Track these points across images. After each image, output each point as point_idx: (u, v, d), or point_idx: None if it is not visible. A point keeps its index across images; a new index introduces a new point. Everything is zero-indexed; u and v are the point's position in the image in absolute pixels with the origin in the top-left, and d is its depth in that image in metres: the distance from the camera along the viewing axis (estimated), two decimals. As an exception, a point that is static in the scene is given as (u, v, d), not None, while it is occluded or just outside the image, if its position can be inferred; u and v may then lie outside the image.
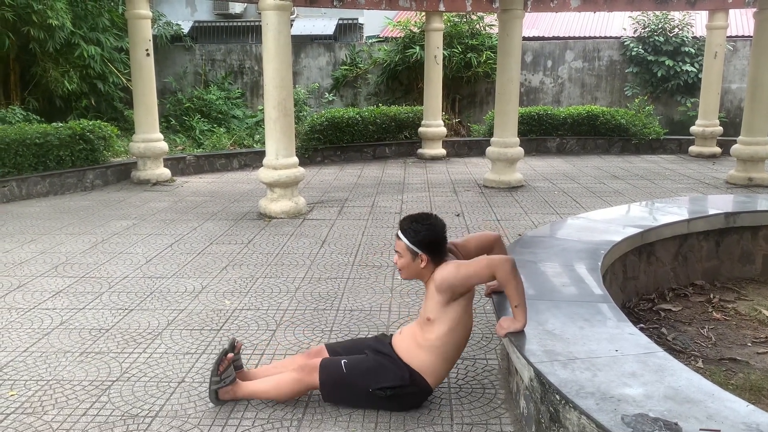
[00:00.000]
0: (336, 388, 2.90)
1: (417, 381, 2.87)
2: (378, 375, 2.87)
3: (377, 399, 2.87)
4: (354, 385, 2.88)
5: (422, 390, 2.91)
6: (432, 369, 2.89)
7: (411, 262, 2.90)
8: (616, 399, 2.12)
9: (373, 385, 2.85)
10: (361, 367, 2.90)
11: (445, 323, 2.84)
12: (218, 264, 5.26)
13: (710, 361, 3.58)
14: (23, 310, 4.22)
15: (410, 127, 12.24)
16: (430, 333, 2.87)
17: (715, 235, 4.92)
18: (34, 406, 2.98)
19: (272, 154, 6.96)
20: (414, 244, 2.87)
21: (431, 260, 2.88)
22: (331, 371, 2.89)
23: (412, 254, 2.89)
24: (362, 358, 2.95)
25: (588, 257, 3.82)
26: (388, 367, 2.89)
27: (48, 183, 8.29)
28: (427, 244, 2.87)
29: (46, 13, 9.88)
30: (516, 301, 2.74)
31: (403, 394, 2.87)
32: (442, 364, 2.91)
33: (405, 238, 2.90)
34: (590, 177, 9.63)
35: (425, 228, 2.89)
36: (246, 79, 15.27)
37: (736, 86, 13.91)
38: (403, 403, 2.91)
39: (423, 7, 11.14)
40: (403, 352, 2.93)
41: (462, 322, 2.89)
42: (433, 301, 2.86)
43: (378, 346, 3.01)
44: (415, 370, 2.88)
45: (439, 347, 2.86)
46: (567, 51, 14.59)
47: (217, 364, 2.91)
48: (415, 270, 2.92)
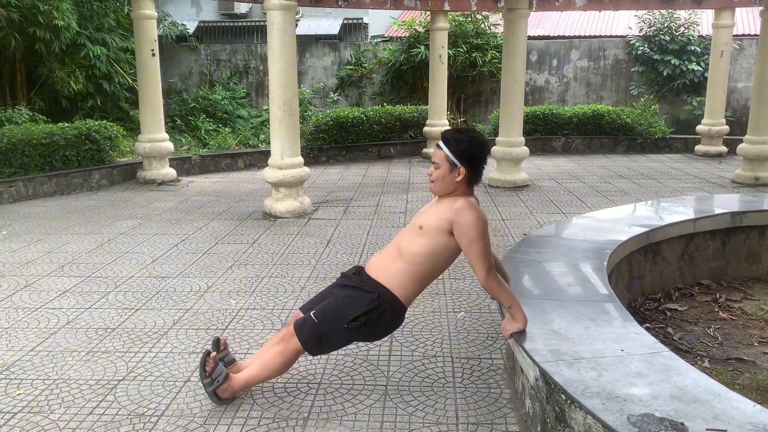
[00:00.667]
0: (317, 342, 2.87)
1: (387, 298, 2.84)
2: (347, 308, 2.84)
3: (356, 333, 2.86)
4: (331, 330, 2.85)
5: (395, 307, 2.88)
6: (404, 283, 2.86)
7: (447, 173, 2.82)
8: (621, 399, 2.12)
9: (345, 320, 2.81)
10: (330, 308, 2.87)
11: (433, 242, 2.81)
12: (224, 263, 5.27)
13: (717, 361, 3.57)
14: (30, 309, 4.24)
15: (415, 127, 12.23)
16: (415, 243, 2.84)
17: (721, 234, 4.91)
18: (41, 405, 2.99)
19: (277, 153, 6.97)
20: (454, 154, 2.80)
21: (468, 175, 2.82)
22: (306, 328, 2.87)
23: (450, 165, 2.81)
24: (329, 301, 2.92)
25: (593, 257, 3.81)
26: (355, 296, 2.86)
27: (54, 183, 8.32)
28: (468, 157, 2.81)
29: (52, 14, 9.90)
30: (507, 303, 2.75)
31: (378, 316, 2.84)
32: (415, 281, 2.88)
33: (446, 147, 2.82)
34: (596, 176, 9.60)
35: (468, 139, 2.82)
36: (251, 79, 15.29)
37: (742, 85, 13.85)
38: (381, 326, 2.89)
39: (428, 7, 11.13)
40: (375, 269, 2.91)
41: (446, 252, 2.86)
42: (437, 218, 2.82)
43: (342, 281, 3.00)
44: (384, 287, 2.85)
45: (418, 263, 2.84)
46: (572, 50, 14.55)
47: (203, 366, 2.89)
48: (450, 183, 2.83)
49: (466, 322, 3.97)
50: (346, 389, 3.12)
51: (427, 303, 4.27)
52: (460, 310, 4.18)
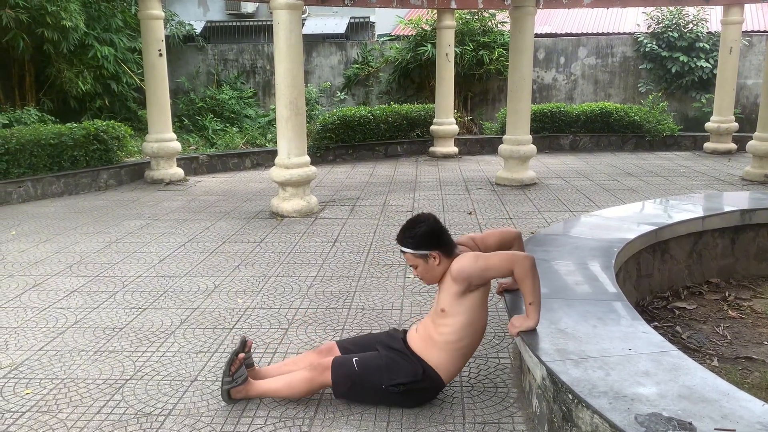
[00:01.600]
0: (349, 386, 2.90)
1: (430, 376, 2.87)
2: (391, 371, 2.86)
3: (390, 395, 2.87)
4: (367, 383, 2.87)
5: (435, 385, 2.90)
6: (446, 364, 2.88)
7: (426, 266, 2.89)
8: (629, 398, 2.10)
9: (386, 381, 2.84)
10: (373, 364, 2.89)
11: (459, 316, 2.82)
12: (231, 263, 5.28)
13: (725, 360, 3.55)
14: (38, 309, 4.26)
15: (422, 126, 12.22)
16: (444, 326, 2.85)
17: (730, 232, 4.87)
18: (49, 404, 3.01)
19: (284, 153, 6.97)
20: (417, 249, 2.87)
21: (442, 254, 2.86)
22: (343, 370, 2.88)
23: (422, 259, 2.88)
24: (374, 355, 2.94)
25: (601, 255, 3.79)
26: (401, 362, 2.88)
27: (63, 183, 8.36)
28: (429, 241, 2.86)
29: (60, 15, 9.94)
30: (531, 299, 2.72)
31: (417, 389, 2.86)
32: (456, 359, 2.90)
33: (407, 248, 2.90)
34: (604, 174, 9.56)
35: (418, 228, 2.89)
36: (258, 78, 15.32)
37: (751, 82, 13.75)
38: (416, 399, 2.91)
39: (434, 5, 11.12)
40: (417, 346, 2.93)
41: (477, 316, 2.87)
42: (448, 293, 2.84)
43: (389, 342, 3.00)
44: (428, 364, 2.87)
45: (454, 342, 2.85)
46: (580, 47, 14.49)
47: (229, 365, 2.92)
48: (435, 271, 2.90)
49: (473, 321, 3.95)
50: (352, 388, 3.11)
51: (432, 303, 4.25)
52: (467, 309, 4.16)
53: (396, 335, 3.07)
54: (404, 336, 3.04)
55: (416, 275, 2.96)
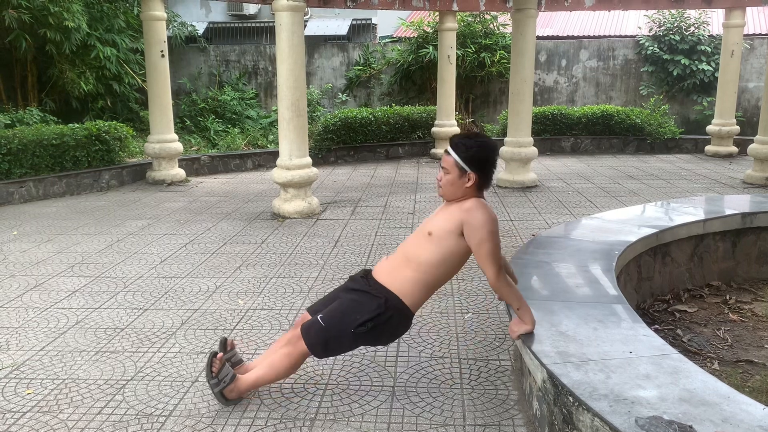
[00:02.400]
0: (323, 344, 2.86)
1: (394, 304, 2.84)
2: (354, 312, 2.83)
3: (363, 337, 2.85)
4: (337, 334, 2.84)
5: (402, 313, 2.87)
6: (412, 290, 2.85)
7: (457, 179, 2.80)
8: (629, 401, 2.11)
9: (352, 324, 2.81)
10: (337, 312, 2.87)
11: (442, 248, 2.81)
12: (232, 264, 5.29)
13: (726, 363, 3.55)
14: (40, 309, 4.27)
15: (423, 127, 12.23)
16: (424, 249, 2.83)
17: (731, 235, 4.87)
18: (50, 404, 3.01)
19: (286, 154, 6.98)
20: (464, 160, 2.78)
21: (478, 180, 2.81)
22: (312, 331, 2.86)
23: (459, 171, 2.80)
24: (336, 305, 2.92)
25: (602, 258, 3.80)
26: (362, 300, 2.85)
27: (64, 183, 8.37)
28: (477, 162, 2.79)
29: (63, 15, 9.96)
30: (515, 305, 2.74)
31: (385, 321, 2.83)
32: (423, 288, 2.87)
33: (455, 152, 2.80)
34: (605, 177, 9.56)
35: (478, 144, 2.81)
36: (260, 79, 15.33)
37: (753, 85, 13.75)
38: (388, 332, 2.89)
39: (436, 7, 11.13)
40: (384, 274, 2.91)
41: (455, 258, 2.85)
42: (445, 221, 2.81)
43: (350, 285, 2.99)
44: (392, 292, 2.84)
45: (426, 266, 2.83)
46: (581, 50, 14.50)
47: (209, 367, 2.89)
48: (459, 188, 2.82)
49: (474, 324, 3.96)
50: (353, 390, 3.12)
51: (434, 304, 4.27)
52: (467, 311, 4.17)
53: (356, 276, 3.04)
54: (367, 274, 3.01)
55: (439, 179, 2.87)
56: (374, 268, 3.02)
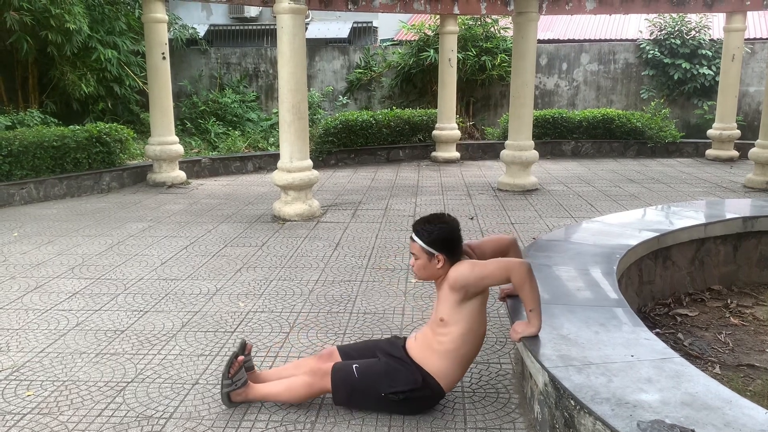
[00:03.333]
0: (348, 393, 2.89)
1: (430, 384, 2.86)
2: (390, 379, 2.85)
3: (390, 403, 2.86)
4: (366, 390, 2.87)
5: (435, 393, 2.89)
6: (445, 372, 2.87)
7: (427, 263, 2.88)
8: (631, 405, 2.10)
9: (385, 389, 2.84)
10: (373, 371, 2.89)
11: (458, 324, 2.82)
12: (232, 266, 5.29)
13: (728, 367, 3.54)
14: (40, 311, 4.27)
15: (424, 130, 12.23)
16: (443, 335, 2.85)
17: (732, 239, 4.87)
18: (50, 406, 3.01)
19: (286, 157, 6.98)
20: (429, 245, 2.85)
21: (447, 259, 2.86)
22: (343, 376, 2.88)
23: (428, 255, 2.87)
24: (374, 362, 2.94)
25: (603, 261, 3.79)
26: (401, 370, 2.88)
27: (65, 185, 8.37)
28: (442, 243, 2.86)
29: (64, 17, 9.97)
30: (531, 305, 2.72)
31: (416, 397, 2.86)
32: (456, 367, 2.89)
33: (419, 239, 2.88)
34: (605, 180, 9.56)
35: (439, 228, 2.88)
36: (261, 82, 15.35)
37: (754, 89, 13.76)
38: (416, 407, 2.90)
39: (437, 10, 11.14)
40: (416, 355, 2.92)
41: (476, 324, 2.87)
42: (446, 302, 2.84)
43: (390, 350, 3.00)
44: (428, 373, 2.87)
45: (453, 350, 2.84)
46: (582, 54, 14.51)
47: (228, 367, 2.92)
48: (432, 271, 2.89)
49: (475, 327, 3.95)
50: (354, 393, 3.11)
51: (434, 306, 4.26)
52: (468, 314, 4.16)
53: (396, 342, 3.06)
54: (404, 344, 3.03)
55: (412, 265, 2.95)
56: (407, 343, 3.02)
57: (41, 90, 11.62)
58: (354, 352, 3.06)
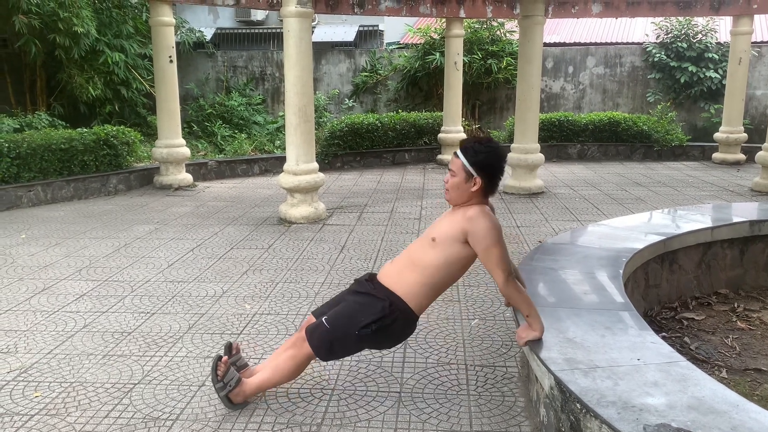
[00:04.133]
0: (328, 347, 2.88)
1: (399, 306, 2.85)
2: (359, 314, 2.85)
3: (367, 340, 2.87)
4: (342, 336, 2.86)
5: (407, 316, 2.88)
6: (416, 292, 2.87)
7: (463, 182, 2.83)
8: (637, 408, 2.10)
9: (357, 326, 2.82)
10: (342, 314, 2.89)
11: (444, 254, 2.83)
12: (239, 268, 5.30)
13: (735, 372, 3.53)
14: (48, 312, 4.29)
15: (430, 133, 12.23)
16: (427, 255, 2.85)
17: (739, 243, 4.85)
18: (58, 407, 3.02)
19: (293, 159, 7.00)
20: (472, 164, 2.81)
21: (484, 186, 2.83)
22: (317, 333, 2.88)
23: (466, 174, 2.82)
24: (341, 307, 2.94)
25: (609, 265, 3.79)
26: (367, 303, 2.87)
27: (72, 187, 8.41)
28: (485, 168, 2.82)
29: (72, 21, 10.03)
30: (525, 312, 2.74)
31: (389, 324, 2.84)
32: (428, 292, 2.89)
33: (464, 156, 2.83)
34: (612, 184, 9.54)
35: (487, 150, 2.83)
36: (267, 85, 15.39)
37: (761, 92, 13.71)
38: (392, 335, 2.90)
39: (443, 14, 11.15)
40: (389, 277, 2.92)
41: (458, 264, 2.87)
42: (450, 227, 2.83)
43: (355, 287, 3.01)
44: (396, 295, 2.86)
45: (430, 274, 2.85)
46: (588, 57, 14.49)
47: (214, 370, 2.92)
48: (465, 192, 2.84)
49: (480, 330, 3.96)
50: (359, 395, 3.12)
51: (440, 310, 4.27)
52: (474, 317, 4.17)
53: (361, 279, 3.06)
54: (372, 277, 3.02)
55: (446, 182, 2.89)
56: (379, 272, 3.04)
57: (49, 93, 11.68)
58: (325, 308, 3.05)
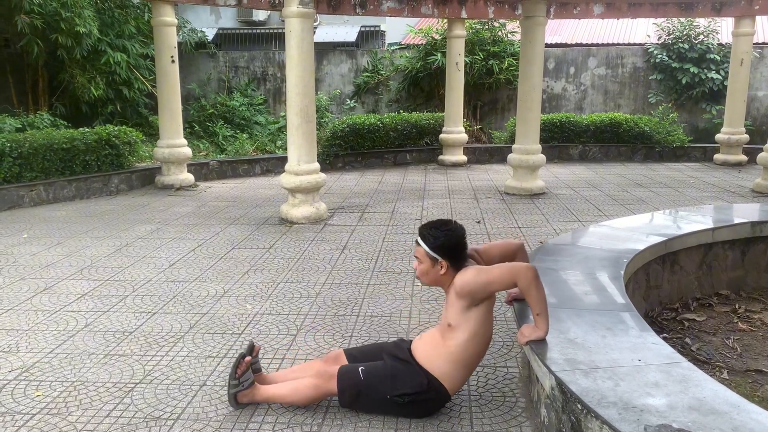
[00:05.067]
0: (354, 396, 2.90)
1: (435, 387, 2.87)
2: (396, 381, 2.87)
3: (395, 406, 2.87)
4: (372, 392, 2.88)
5: (440, 396, 2.90)
6: (450, 376, 2.88)
7: (431, 268, 2.90)
8: (638, 409, 2.10)
9: (391, 391, 2.85)
10: (379, 374, 2.90)
11: (465, 330, 2.83)
12: (240, 268, 5.30)
13: (736, 373, 3.53)
14: (49, 312, 4.29)
15: (431, 134, 12.24)
16: (450, 339, 2.86)
17: (740, 244, 4.85)
18: (59, 406, 3.03)
19: (294, 160, 7.00)
20: (433, 250, 2.87)
21: (451, 266, 2.87)
22: (349, 378, 2.90)
23: (431, 260, 2.89)
24: (380, 365, 2.95)
25: (610, 265, 3.78)
26: (406, 373, 2.89)
27: (74, 187, 8.42)
28: (447, 250, 2.87)
29: (75, 21, 10.04)
30: (537, 309, 2.72)
31: (421, 400, 2.87)
32: (461, 370, 2.90)
33: (424, 244, 2.90)
34: (613, 185, 9.54)
35: (444, 234, 2.89)
36: (269, 85, 15.39)
37: (762, 93, 13.70)
38: (421, 410, 2.91)
39: (445, 14, 11.15)
40: (422, 358, 2.93)
41: (482, 329, 2.88)
42: (453, 308, 2.85)
43: (396, 352, 3.01)
44: (433, 376, 2.87)
45: (459, 354, 2.86)
46: (590, 58, 14.49)
47: (235, 368, 2.93)
48: (435, 276, 2.91)
49: (482, 330, 3.95)
50: (360, 395, 3.12)
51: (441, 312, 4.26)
52: (475, 317, 4.16)
53: (402, 345, 3.07)
54: (410, 346, 3.04)
55: (416, 268, 2.96)
56: (413, 345, 3.03)
57: (51, 93, 11.69)
58: (360, 355, 3.07)
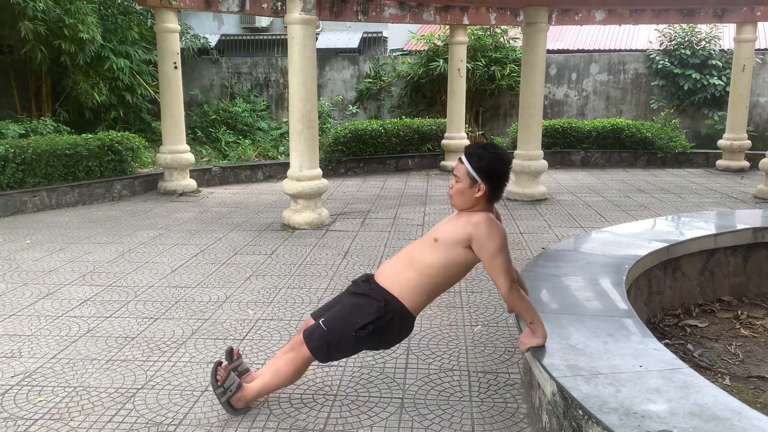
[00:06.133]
0: (326, 349, 2.89)
1: (394, 306, 2.84)
2: (355, 316, 2.85)
3: (364, 341, 2.87)
4: (339, 338, 2.86)
5: (403, 316, 2.88)
6: (412, 292, 2.86)
7: (467, 188, 2.81)
8: (639, 415, 2.10)
9: (353, 328, 2.82)
10: (338, 316, 2.89)
11: (445, 256, 2.82)
12: (242, 274, 5.31)
13: (737, 379, 3.52)
14: (52, 317, 4.30)
15: (433, 140, 12.26)
16: (427, 256, 2.85)
17: (742, 250, 4.85)
18: (61, 412, 3.03)
19: (296, 165, 7.02)
20: (475, 170, 2.79)
21: (488, 191, 2.81)
22: (315, 336, 2.88)
23: (471, 180, 2.81)
24: (338, 309, 2.94)
25: (612, 271, 3.79)
26: (363, 304, 2.87)
27: (77, 193, 8.45)
28: (489, 173, 2.80)
29: (78, 27, 10.08)
30: (529, 319, 2.75)
31: (385, 324, 2.84)
32: (424, 292, 2.89)
33: (468, 162, 2.82)
34: (615, 190, 9.54)
35: (491, 155, 2.82)
36: (271, 91, 15.44)
37: (764, 99, 13.71)
38: (389, 335, 2.89)
39: (447, 21, 11.19)
40: (386, 276, 2.92)
41: (457, 269, 2.87)
42: (453, 231, 2.82)
43: (353, 289, 3.00)
44: (392, 295, 2.85)
45: (429, 275, 2.85)
46: (592, 64, 14.51)
47: (214, 376, 2.92)
48: (469, 198, 2.83)
49: (483, 336, 3.96)
50: (362, 401, 3.13)
51: (443, 316, 4.27)
52: (477, 323, 4.17)
53: (358, 280, 3.05)
54: (369, 278, 3.02)
55: (451, 187, 2.88)
56: (377, 272, 3.04)
57: (54, 99, 11.73)
58: (323, 310, 3.05)
